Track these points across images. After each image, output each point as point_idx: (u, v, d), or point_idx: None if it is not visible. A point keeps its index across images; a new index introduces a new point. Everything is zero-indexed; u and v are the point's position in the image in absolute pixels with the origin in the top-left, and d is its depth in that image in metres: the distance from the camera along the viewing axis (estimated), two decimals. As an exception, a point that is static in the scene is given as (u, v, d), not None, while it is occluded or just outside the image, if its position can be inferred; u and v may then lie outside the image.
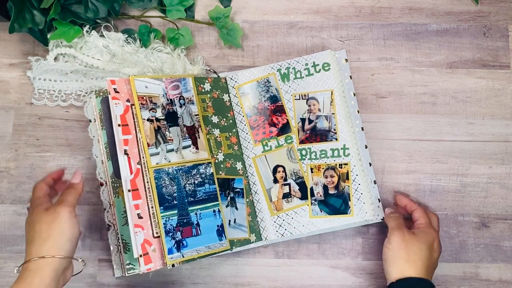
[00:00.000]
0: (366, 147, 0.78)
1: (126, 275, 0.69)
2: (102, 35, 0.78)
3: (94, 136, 0.76)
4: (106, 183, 0.74)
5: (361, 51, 0.82)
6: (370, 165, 0.77)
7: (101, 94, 0.73)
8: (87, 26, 0.77)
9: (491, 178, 0.79)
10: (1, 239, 0.77)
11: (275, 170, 0.77)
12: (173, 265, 0.66)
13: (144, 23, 0.81)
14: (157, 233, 0.67)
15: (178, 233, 0.67)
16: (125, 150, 0.68)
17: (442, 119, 0.81)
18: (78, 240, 0.64)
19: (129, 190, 0.67)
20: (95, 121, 0.75)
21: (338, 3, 0.84)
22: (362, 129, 0.78)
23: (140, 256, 0.65)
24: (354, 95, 0.79)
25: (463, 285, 0.77)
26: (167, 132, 0.70)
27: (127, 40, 0.78)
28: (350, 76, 0.79)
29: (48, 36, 0.77)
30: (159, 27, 0.82)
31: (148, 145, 0.68)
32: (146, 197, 0.68)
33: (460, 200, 0.79)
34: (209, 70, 0.80)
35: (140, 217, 0.67)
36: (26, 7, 0.72)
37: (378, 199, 0.76)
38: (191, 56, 0.82)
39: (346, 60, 0.80)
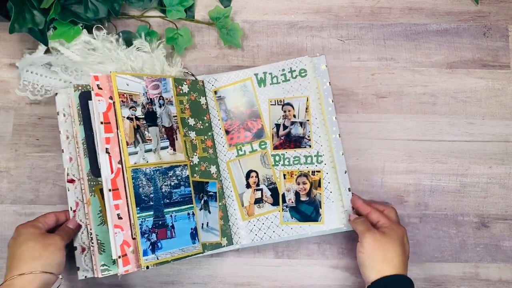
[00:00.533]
0: (342, 154, 0.78)
1: (100, 276, 0.68)
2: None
3: (67, 130, 0.74)
4: (77, 180, 0.73)
5: (361, 51, 0.82)
6: (345, 173, 0.77)
7: (80, 88, 0.72)
8: (80, 24, 0.76)
9: (491, 178, 0.79)
10: (1, 239, 0.77)
11: (248, 175, 0.77)
12: (147, 267, 0.65)
13: (143, 23, 0.81)
14: (135, 234, 0.67)
15: (154, 234, 0.67)
16: (106, 148, 0.67)
17: (442, 119, 0.81)
18: (60, 272, 0.68)
19: (109, 190, 0.66)
20: (63, 115, 0.74)
21: (338, 3, 0.84)
22: (339, 136, 0.78)
23: (119, 257, 0.65)
24: (332, 101, 0.79)
25: (463, 285, 0.77)
26: (146, 132, 0.69)
27: (111, 41, 0.77)
28: (329, 83, 0.79)
29: (48, 36, 0.77)
30: (159, 27, 0.82)
31: (127, 143, 0.67)
32: (126, 197, 0.67)
33: (460, 200, 0.79)
34: (186, 72, 0.80)
35: (119, 218, 0.66)
36: (26, 7, 0.72)
37: (352, 207, 0.76)
38: (188, 57, 0.82)
39: (326, 66, 0.79)
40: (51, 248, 0.66)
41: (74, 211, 0.73)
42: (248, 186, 0.77)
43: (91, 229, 0.69)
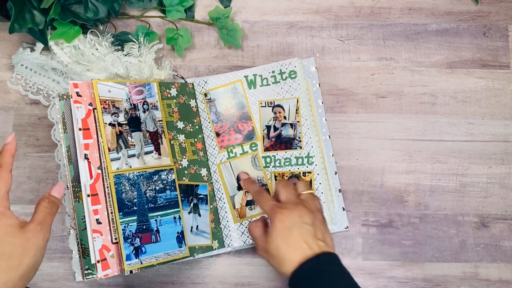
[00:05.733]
0: (332, 155, 0.78)
1: (85, 280, 0.68)
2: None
3: (58, 140, 0.77)
4: (67, 187, 0.73)
5: (361, 50, 0.82)
6: (336, 174, 0.78)
7: (65, 97, 0.72)
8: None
9: (491, 178, 0.79)
10: (1, 239, 0.77)
11: (239, 177, 0.77)
12: (131, 272, 0.66)
13: (143, 24, 0.81)
14: (115, 238, 0.67)
15: (137, 239, 0.67)
16: (85, 154, 0.67)
17: (442, 119, 0.81)
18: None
19: (88, 195, 0.66)
20: (56, 123, 0.76)
21: (338, 3, 0.84)
22: (329, 137, 0.78)
23: (98, 261, 0.65)
24: (322, 103, 0.79)
25: (463, 285, 0.77)
26: (129, 137, 0.70)
27: (103, 45, 0.77)
28: (319, 84, 0.80)
29: (48, 36, 0.77)
30: (158, 27, 0.82)
31: (109, 150, 0.68)
32: (106, 203, 0.67)
33: (460, 200, 0.79)
34: (176, 75, 0.80)
35: (99, 223, 0.66)
36: (26, 7, 0.72)
37: (343, 207, 0.76)
38: (188, 57, 0.82)
39: (315, 68, 0.80)
40: (33, 250, 0.51)
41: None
42: (239, 188, 0.76)
43: (77, 234, 0.70)
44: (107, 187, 0.67)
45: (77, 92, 0.69)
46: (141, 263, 0.66)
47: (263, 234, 0.65)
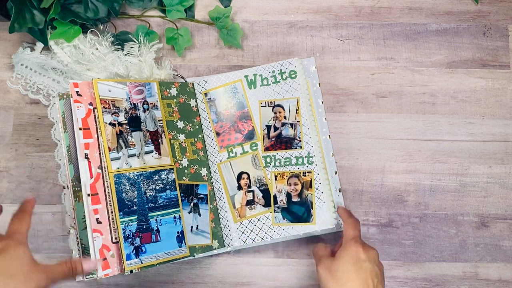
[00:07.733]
0: (332, 155, 0.78)
1: (85, 280, 0.68)
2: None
3: (58, 140, 0.77)
4: (67, 187, 0.74)
5: (361, 50, 0.82)
6: (336, 173, 0.78)
7: (65, 96, 0.72)
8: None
9: (491, 178, 0.79)
10: (1, 239, 0.77)
11: (239, 177, 0.77)
12: (131, 271, 0.66)
13: (143, 23, 0.81)
14: (116, 238, 0.67)
15: (137, 239, 0.67)
16: (85, 154, 0.67)
17: (442, 119, 0.81)
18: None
19: (88, 195, 0.66)
20: (56, 123, 0.76)
21: (338, 3, 0.84)
22: (330, 137, 0.78)
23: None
24: (322, 102, 0.79)
25: (463, 284, 0.77)
26: (129, 137, 0.70)
27: (103, 45, 0.77)
28: (319, 84, 0.80)
29: (48, 36, 0.77)
30: (158, 27, 0.82)
31: (110, 149, 0.68)
32: (106, 202, 0.67)
33: (460, 199, 0.79)
34: (176, 75, 0.80)
35: (99, 222, 0.67)
36: (26, 6, 0.72)
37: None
38: (188, 56, 0.82)
39: (315, 67, 0.80)
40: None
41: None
42: (239, 188, 0.76)
43: (77, 234, 0.70)
44: (107, 186, 0.67)
45: (77, 92, 0.69)
46: (142, 262, 0.67)
47: (330, 256, 0.67)
